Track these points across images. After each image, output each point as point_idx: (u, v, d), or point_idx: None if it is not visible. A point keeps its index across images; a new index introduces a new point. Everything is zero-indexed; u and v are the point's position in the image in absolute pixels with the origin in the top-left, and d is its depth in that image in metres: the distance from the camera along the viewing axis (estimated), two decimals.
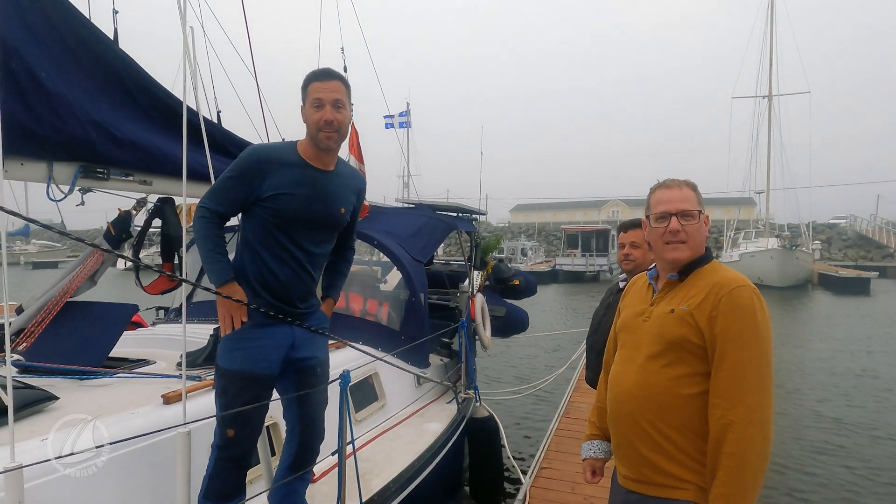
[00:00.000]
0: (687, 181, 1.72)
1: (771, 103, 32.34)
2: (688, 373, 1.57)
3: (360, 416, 3.51)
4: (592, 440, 1.96)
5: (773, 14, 32.44)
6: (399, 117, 22.81)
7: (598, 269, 31.82)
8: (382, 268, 5.23)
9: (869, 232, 41.26)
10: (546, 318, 15.39)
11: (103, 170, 2.59)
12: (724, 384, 1.50)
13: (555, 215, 65.91)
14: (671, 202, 1.67)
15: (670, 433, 1.57)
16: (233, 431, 2.06)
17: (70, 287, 2.88)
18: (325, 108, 2.07)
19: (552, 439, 4.63)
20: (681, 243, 1.65)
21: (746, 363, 1.49)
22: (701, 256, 1.68)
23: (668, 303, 1.65)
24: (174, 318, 4.37)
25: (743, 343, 1.50)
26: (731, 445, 1.45)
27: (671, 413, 1.57)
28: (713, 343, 1.53)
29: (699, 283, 1.63)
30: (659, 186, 1.74)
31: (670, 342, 1.59)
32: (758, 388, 1.48)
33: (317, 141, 2.11)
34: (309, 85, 2.11)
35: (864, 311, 18.27)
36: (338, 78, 2.13)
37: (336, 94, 2.09)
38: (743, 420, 1.46)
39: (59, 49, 2.33)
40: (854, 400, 7.92)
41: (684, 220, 1.65)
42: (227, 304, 2.05)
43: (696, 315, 1.56)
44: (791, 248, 25.56)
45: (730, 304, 1.53)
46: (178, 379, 2.59)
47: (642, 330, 1.69)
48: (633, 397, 1.64)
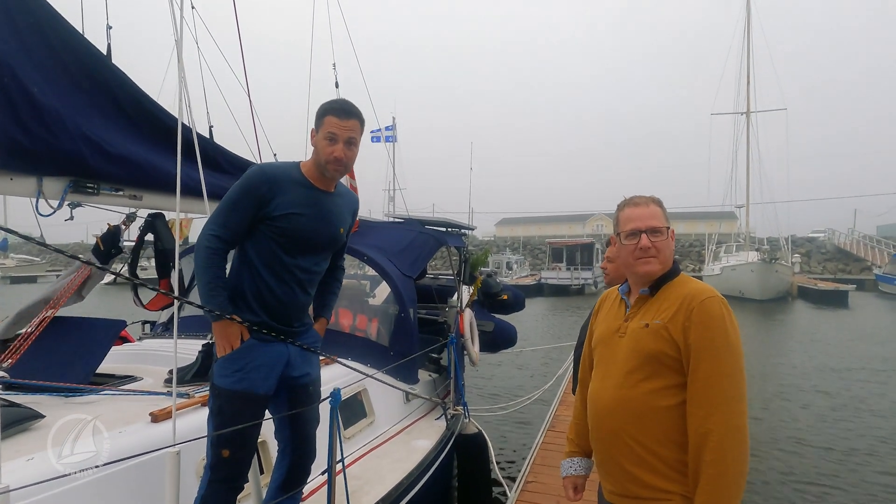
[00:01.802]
0: (653, 197, 1.77)
1: (749, 120, 33.10)
2: (665, 385, 1.60)
3: (348, 433, 3.49)
4: (572, 457, 1.97)
5: (749, 34, 33.34)
6: (385, 131, 22.88)
7: (583, 283, 31.99)
8: (371, 282, 5.22)
9: (847, 245, 42.09)
10: (533, 331, 15.43)
11: (93, 185, 2.58)
12: (700, 394, 1.54)
13: (540, 229, 66.30)
14: (641, 219, 1.71)
15: (651, 446, 1.60)
16: (228, 452, 2.03)
17: (57, 302, 2.84)
18: (337, 145, 2.09)
19: (538, 453, 4.63)
20: (651, 258, 1.69)
21: (720, 372, 1.53)
22: (670, 270, 1.73)
23: (642, 317, 1.69)
24: (161, 333, 4.32)
25: (716, 352, 1.54)
26: (710, 453, 1.49)
27: (651, 426, 1.60)
28: (688, 354, 1.57)
29: (670, 296, 1.67)
30: (627, 204, 1.78)
31: (647, 356, 1.62)
32: (733, 395, 1.53)
33: (323, 170, 2.14)
34: (326, 116, 2.12)
35: (842, 323, 18.60)
36: (356, 117, 2.14)
37: (351, 133, 2.12)
38: (721, 428, 1.49)
39: (52, 64, 2.33)
40: (829, 407, 8.08)
41: (654, 237, 1.69)
42: (226, 335, 2.05)
43: (670, 328, 1.60)
44: (771, 261, 25.98)
45: (701, 314, 1.57)
46: (165, 396, 2.56)
47: (618, 346, 1.72)
48: (613, 413, 1.67)
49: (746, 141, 32.90)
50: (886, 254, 35.40)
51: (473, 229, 6.75)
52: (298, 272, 2.16)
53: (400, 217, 5.68)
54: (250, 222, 2.10)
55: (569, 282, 31.96)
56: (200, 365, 2.97)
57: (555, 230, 64.23)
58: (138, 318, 4.44)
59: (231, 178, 3.21)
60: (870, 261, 37.45)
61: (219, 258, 2.07)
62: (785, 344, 14.32)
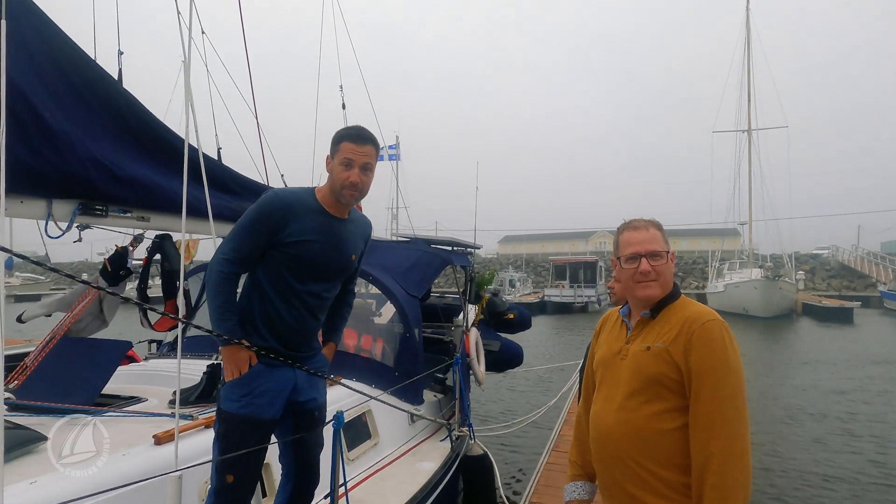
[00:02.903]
0: (652, 221, 1.77)
1: (750, 137, 33.26)
2: (667, 408, 1.60)
3: (352, 454, 3.46)
4: (576, 481, 1.96)
5: (749, 53, 33.68)
6: (389, 150, 23.05)
7: (587, 301, 31.85)
8: (377, 300, 5.21)
9: (851, 262, 41.92)
10: (536, 349, 15.33)
11: (102, 207, 2.61)
12: (702, 417, 1.54)
13: (543, 246, 66.41)
14: (641, 244, 1.72)
15: (655, 469, 1.59)
16: (232, 477, 2.02)
17: (64, 324, 2.85)
18: (353, 170, 2.10)
19: (542, 473, 4.59)
20: (652, 281, 1.70)
21: (722, 395, 1.54)
22: (670, 293, 1.73)
23: (643, 340, 1.70)
24: (167, 353, 4.31)
25: (717, 376, 1.55)
26: (713, 477, 1.49)
27: (654, 449, 1.60)
28: (689, 377, 1.58)
29: (671, 318, 1.67)
30: (626, 227, 1.79)
31: (648, 379, 1.63)
32: (734, 418, 1.53)
33: (339, 196, 2.14)
34: (342, 142, 2.13)
35: (849, 340, 18.43)
36: (371, 143, 2.15)
37: (367, 159, 2.12)
38: (723, 451, 1.50)
39: (64, 90, 2.37)
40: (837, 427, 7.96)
41: (654, 261, 1.70)
42: (234, 360, 2.05)
43: (671, 351, 1.61)
44: (774, 278, 25.88)
45: (702, 337, 1.58)
46: (169, 417, 2.55)
47: (620, 368, 1.72)
48: (616, 436, 1.67)
49: (748, 158, 33.06)
50: (891, 270, 35.28)
51: (479, 248, 6.76)
52: (309, 298, 2.15)
53: (405, 236, 5.70)
54: (263, 248, 2.09)
55: (572, 299, 31.83)
56: (205, 386, 2.96)
57: (557, 248, 64.31)
58: (145, 338, 4.44)
59: (239, 199, 3.24)
60: (874, 277, 37.26)
61: (230, 283, 2.07)
62: (791, 364, 14.17)
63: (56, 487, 1.89)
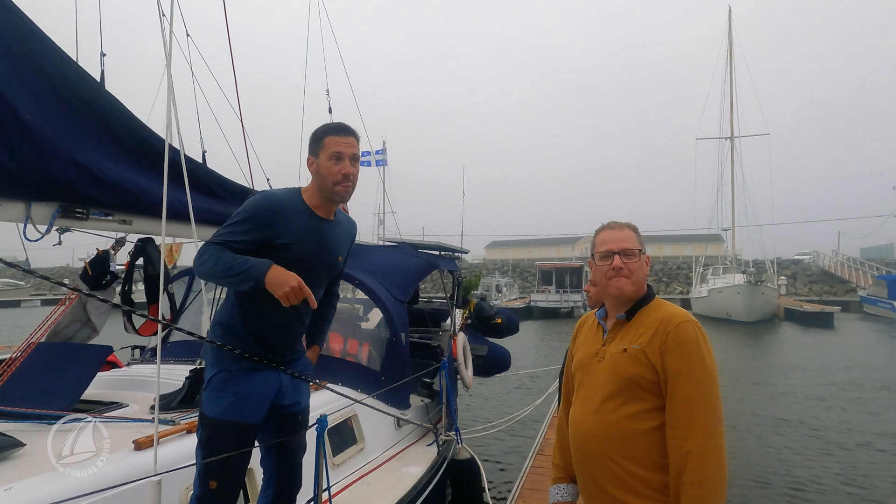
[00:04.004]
0: (628, 223, 1.83)
1: (733, 144, 33.77)
2: (644, 409, 1.64)
3: (338, 459, 3.43)
4: (559, 483, 1.97)
5: (731, 61, 34.25)
6: (376, 155, 23.01)
7: (573, 306, 32.00)
8: (364, 305, 5.19)
9: (831, 267, 42.61)
10: (524, 355, 15.36)
11: (82, 210, 2.57)
12: (678, 416, 1.58)
13: (529, 252, 66.54)
14: (614, 242, 1.78)
15: (633, 468, 1.62)
16: (215, 483, 1.99)
17: (42, 329, 2.80)
18: (344, 162, 2.07)
19: (527, 477, 4.61)
20: (624, 277, 1.75)
21: (698, 395, 1.58)
22: (645, 295, 1.78)
23: (620, 342, 1.73)
24: (150, 358, 4.25)
25: (692, 376, 1.59)
26: (690, 475, 1.52)
27: (632, 449, 1.63)
28: (665, 377, 1.62)
29: (646, 320, 1.71)
30: (603, 228, 1.84)
31: (626, 380, 1.66)
32: (710, 417, 1.57)
33: (331, 193, 2.10)
34: (325, 137, 2.09)
35: (829, 346, 18.71)
36: (354, 134, 2.13)
37: (354, 150, 2.10)
38: (699, 449, 1.53)
39: (45, 91, 2.34)
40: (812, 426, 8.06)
41: (626, 258, 1.75)
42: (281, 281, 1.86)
43: (647, 352, 1.64)
44: (756, 283, 26.20)
45: (677, 339, 1.62)
46: (150, 423, 2.51)
47: (598, 370, 1.75)
48: (595, 437, 1.69)
49: (731, 165, 33.56)
50: (870, 276, 35.89)
51: (467, 252, 6.77)
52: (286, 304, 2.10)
53: (392, 240, 5.69)
54: (253, 246, 2.01)
55: (558, 304, 31.98)
56: (187, 391, 2.93)
57: (543, 253, 64.49)
58: (128, 344, 4.38)
59: (224, 202, 3.22)
60: (854, 282, 37.92)
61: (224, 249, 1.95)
62: (774, 369, 14.32)
63: (32, 494, 1.86)
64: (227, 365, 2.06)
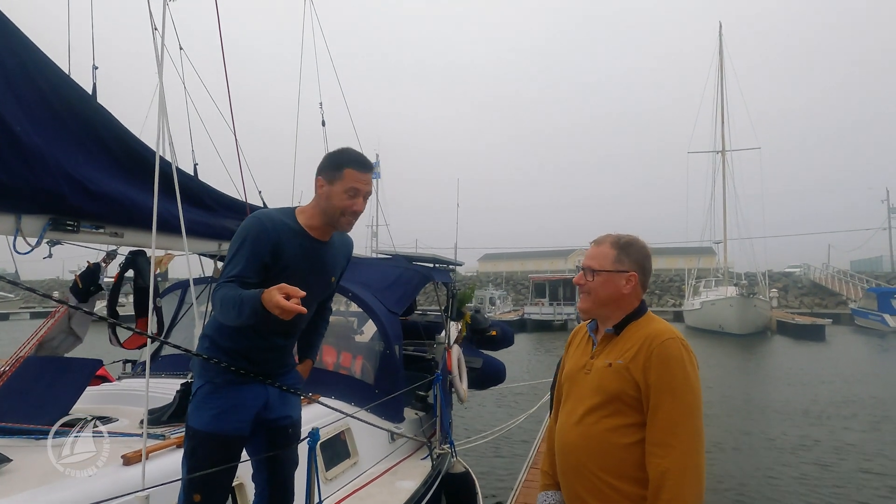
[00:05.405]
0: (617, 241, 1.82)
1: (724, 158, 34.15)
2: (625, 423, 1.65)
3: (331, 474, 3.40)
4: (547, 491, 1.98)
5: (722, 76, 34.78)
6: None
7: (566, 318, 32.00)
8: (358, 318, 5.17)
9: (822, 280, 42.89)
10: (518, 366, 15.31)
11: (73, 222, 2.56)
12: (659, 433, 1.59)
13: (522, 264, 66.63)
14: (587, 256, 1.83)
15: (613, 481, 1.63)
16: (199, 496, 1.96)
17: (31, 342, 2.77)
18: (358, 199, 2.04)
19: (521, 490, 4.58)
20: (584, 294, 1.79)
21: (679, 412, 1.59)
22: (636, 310, 1.79)
23: (606, 356, 1.75)
24: (141, 372, 4.20)
25: (675, 393, 1.60)
26: (668, 492, 1.53)
27: (612, 462, 1.64)
28: (647, 393, 1.63)
29: (633, 335, 1.73)
30: (593, 241, 1.88)
31: (609, 395, 1.68)
32: (690, 435, 1.58)
33: (336, 222, 2.07)
34: (346, 168, 2.02)
35: (821, 359, 18.74)
36: (371, 170, 2.12)
37: (370, 187, 2.07)
38: (678, 467, 1.54)
39: (36, 104, 2.34)
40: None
41: (588, 276, 1.78)
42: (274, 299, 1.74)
43: (631, 369, 1.66)
44: (749, 296, 26.33)
45: (661, 355, 1.63)
46: (140, 438, 2.48)
47: (584, 382, 1.77)
48: (577, 449, 1.71)
49: (723, 178, 33.91)
50: (860, 288, 36.17)
51: (461, 265, 6.77)
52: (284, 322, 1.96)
53: (387, 253, 5.68)
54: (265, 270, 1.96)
55: (552, 317, 31.97)
56: (178, 405, 2.89)
57: (537, 265, 64.57)
58: (119, 358, 4.33)
59: (216, 215, 3.21)
60: (844, 295, 38.16)
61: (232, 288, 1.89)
62: (769, 380, 14.30)
63: None
64: (213, 377, 2.04)
